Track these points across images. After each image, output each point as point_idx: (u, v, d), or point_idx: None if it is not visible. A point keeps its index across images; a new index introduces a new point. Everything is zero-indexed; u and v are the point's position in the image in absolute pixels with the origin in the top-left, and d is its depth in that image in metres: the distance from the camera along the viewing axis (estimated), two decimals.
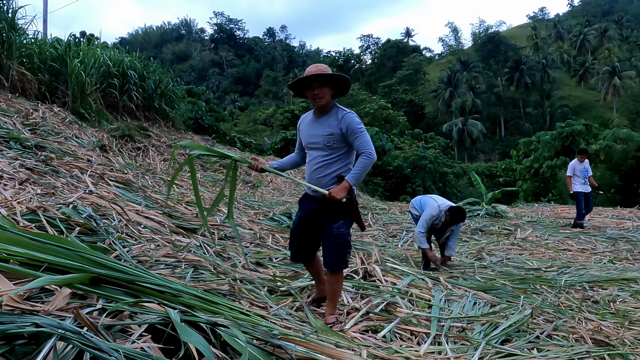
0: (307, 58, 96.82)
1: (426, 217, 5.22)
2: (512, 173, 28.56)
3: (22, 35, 9.51)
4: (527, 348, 2.86)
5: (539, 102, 62.39)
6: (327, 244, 3.06)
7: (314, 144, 3.04)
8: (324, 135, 2.96)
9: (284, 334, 2.00)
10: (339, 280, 3.14)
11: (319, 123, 3.02)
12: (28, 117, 7.16)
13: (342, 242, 3.02)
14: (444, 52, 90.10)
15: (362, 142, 2.91)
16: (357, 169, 2.91)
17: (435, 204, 5.30)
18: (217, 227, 5.12)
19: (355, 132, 2.91)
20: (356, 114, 3.02)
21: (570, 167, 8.85)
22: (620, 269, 5.41)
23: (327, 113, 3.01)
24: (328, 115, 3.00)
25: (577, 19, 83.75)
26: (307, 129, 3.10)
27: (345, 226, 3.04)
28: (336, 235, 2.98)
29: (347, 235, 3.07)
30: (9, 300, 1.63)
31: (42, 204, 3.45)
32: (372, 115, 35.68)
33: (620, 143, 21.34)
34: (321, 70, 2.94)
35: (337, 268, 3.07)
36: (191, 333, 1.63)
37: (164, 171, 8.28)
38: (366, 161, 2.89)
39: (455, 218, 5.23)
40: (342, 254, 3.05)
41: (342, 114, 2.96)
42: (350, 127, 2.92)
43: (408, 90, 60.89)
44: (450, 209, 5.26)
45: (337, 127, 2.94)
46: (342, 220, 3.01)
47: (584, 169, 8.74)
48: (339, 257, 3.04)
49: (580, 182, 8.71)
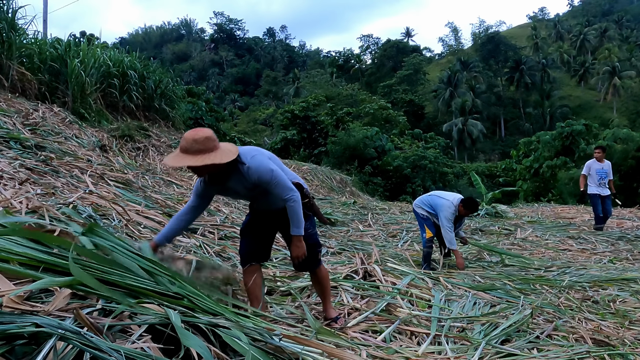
0: (307, 58, 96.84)
1: (447, 216, 5.25)
2: (512, 173, 28.58)
3: (22, 35, 9.51)
4: (527, 348, 2.86)
5: (539, 102, 62.40)
6: None
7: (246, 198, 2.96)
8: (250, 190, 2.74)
9: (284, 335, 2.00)
10: (324, 277, 3.15)
11: (229, 185, 2.73)
12: (28, 117, 7.16)
13: (313, 243, 3.00)
14: (444, 52, 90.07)
15: (280, 189, 2.70)
16: (293, 218, 2.77)
17: (448, 202, 5.32)
18: (217, 227, 5.13)
19: (269, 183, 2.67)
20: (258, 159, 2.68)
21: (586, 166, 8.41)
22: (620, 269, 5.41)
23: (233, 173, 2.67)
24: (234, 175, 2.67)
25: (577, 19, 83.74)
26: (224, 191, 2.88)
27: (311, 227, 3.00)
28: (305, 238, 2.88)
29: (315, 235, 3.08)
30: (9, 300, 1.63)
31: (43, 204, 3.45)
32: (372, 115, 35.66)
33: (620, 143, 21.37)
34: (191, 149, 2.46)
35: (313, 268, 3.09)
36: (190, 336, 1.64)
37: (164, 171, 8.28)
38: (293, 205, 2.74)
39: (470, 208, 5.29)
40: (315, 254, 3.04)
41: (246, 171, 2.63)
42: (261, 179, 2.65)
43: (408, 90, 60.87)
44: (463, 200, 5.31)
45: (251, 183, 2.68)
46: (308, 221, 2.93)
47: (601, 169, 8.21)
48: (312, 258, 3.02)
49: (595, 184, 8.21)
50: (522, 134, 48.55)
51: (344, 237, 6.76)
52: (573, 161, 22.21)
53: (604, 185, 8.24)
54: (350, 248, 5.83)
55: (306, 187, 2.99)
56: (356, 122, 30.51)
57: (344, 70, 73.23)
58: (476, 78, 64.60)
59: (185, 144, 2.47)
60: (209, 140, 2.48)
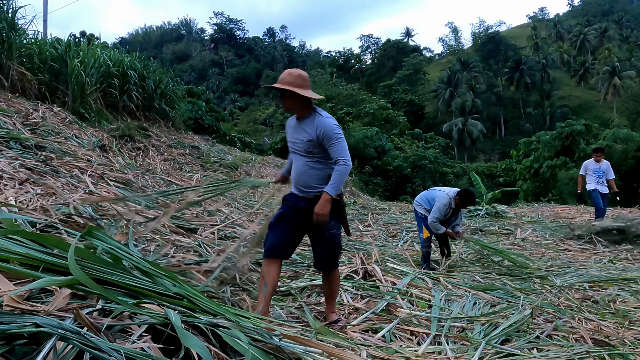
0: (307, 58, 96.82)
1: (439, 206, 5.27)
2: (512, 173, 28.57)
3: (22, 35, 9.50)
4: (527, 348, 2.86)
5: (539, 102, 62.38)
6: (320, 247, 3.06)
7: (296, 148, 3.05)
8: (304, 141, 2.94)
9: (284, 334, 2.00)
10: (336, 279, 3.16)
11: (299, 128, 3.00)
12: (28, 117, 7.16)
13: (335, 243, 3.05)
14: (444, 52, 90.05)
15: (337, 150, 2.86)
16: (335, 179, 2.86)
17: (443, 194, 5.35)
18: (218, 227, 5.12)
19: (331, 139, 2.86)
20: (334, 120, 2.97)
21: (584, 166, 8.53)
22: (620, 269, 5.41)
23: (306, 118, 2.97)
24: (306, 120, 2.97)
25: (577, 19, 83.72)
26: (290, 134, 3.09)
27: (336, 227, 3.04)
28: (329, 237, 2.98)
29: (339, 236, 3.09)
30: (9, 300, 1.63)
31: (42, 204, 3.45)
32: (372, 115, 35.70)
33: (620, 143, 21.37)
34: (284, 80, 2.91)
35: (330, 269, 3.09)
36: (190, 336, 1.64)
37: (164, 171, 8.28)
38: (342, 169, 2.85)
39: (466, 200, 5.29)
40: (335, 255, 3.09)
41: (318, 119, 2.92)
42: (326, 133, 2.87)
43: (408, 90, 60.88)
44: (459, 192, 5.32)
45: (314, 133, 2.90)
46: (333, 221, 2.98)
47: (598, 169, 8.32)
48: (331, 259, 3.07)
49: (593, 181, 8.31)
50: (522, 134, 48.52)
51: (344, 237, 6.75)
52: (573, 161, 22.20)
53: (602, 183, 8.30)
54: (350, 248, 5.83)
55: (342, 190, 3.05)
56: (356, 122, 30.55)
57: (344, 70, 73.19)
58: (476, 78, 64.59)
59: (289, 77, 2.91)
60: (307, 80, 2.96)
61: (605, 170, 8.35)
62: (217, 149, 13.41)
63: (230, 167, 11.45)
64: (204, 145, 12.60)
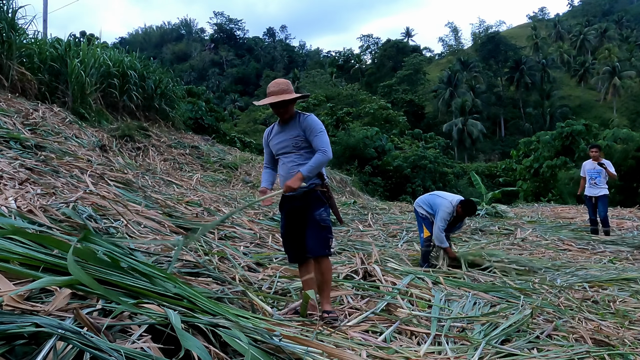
0: (307, 58, 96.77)
1: (444, 216, 5.26)
2: (512, 173, 28.54)
3: (22, 35, 9.51)
4: (527, 348, 2.86)
5: (539, 102, 62.35)
6: (311, 230, 3.18)
7: (284, 150, 3.24)
8: (292, 138, 3.19)
9: (284, 335, 2.00)
10: (328, 269, 3.20)
11: (285, 130, 3.25)
12: (28, 117, 7.16)
13: (325, 226, 3.18)
14: (444, 52, 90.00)
15: (320, 141, 3.13)
16: (312, 163, 3.09)
17: (447, 202, 5.34)
18: (217, 228, 5.12)
19: (314, 132, 3.14)
20: (315, 117, 3.24)
21: (582, 168, 8.32)
22: (620, 269, 5.40)
23: (291, 120, 3.23)
24: (291, 122, 3.23)
25: (577, 19, 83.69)
26: (276, 139, 3.29)
27: (326, 213, 3.21)
28: (319, 220, 3.14)
29: (329, 221, 3.23)
30: (9, 300, 1.63)
31: (42, 204, 3.45)
32: (372, 115, 35.67)
33: (620, 143, 21.35)
34: (281, 93, 3.13)
35: (321, 251, 3.16)
36: (190, 337, 1.64)
37: (164, 171, 8.28)
38: (320, 157, 3.10)
39: (468, 210, 5.29)
40: (326, 239, 3.18)
41: (302, 117, 3.20)
42: (310, 127, 3.15)
43: (408, 90, 60.86)
44: (462, 202, 5.31)
45: (300, 128, 3.17)
46: (323, 207, 3.19)
47: (592, 169, 8.05)
48: (322, 242, 3.17)
49: (587, 185, 8.06)
50: (522, 134, 48.50)
51: (344, 237, 6.75)
52: (573, 161, 22.18)
53: (594, 185, 8.05)
54: (350, 248, 5.83)
55: (327, 179, 3.29)
56: (356, 122, 30.53)
57: (344, 70, 73.19)
58: (476, 78, 64.56)
59: (274, 87, 3.15)
60: (289, 85, 3.21)
61: (601, 170, 8.07)
62: (217, 149, 13.41)
63: (230, 167, 11.45)
64: (204, 145, 12.61)
